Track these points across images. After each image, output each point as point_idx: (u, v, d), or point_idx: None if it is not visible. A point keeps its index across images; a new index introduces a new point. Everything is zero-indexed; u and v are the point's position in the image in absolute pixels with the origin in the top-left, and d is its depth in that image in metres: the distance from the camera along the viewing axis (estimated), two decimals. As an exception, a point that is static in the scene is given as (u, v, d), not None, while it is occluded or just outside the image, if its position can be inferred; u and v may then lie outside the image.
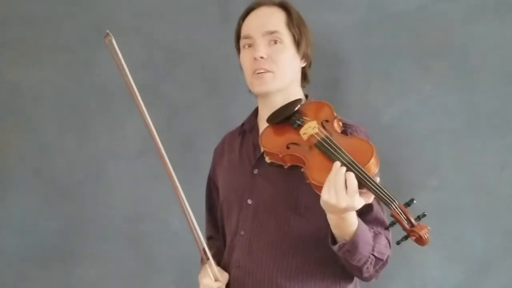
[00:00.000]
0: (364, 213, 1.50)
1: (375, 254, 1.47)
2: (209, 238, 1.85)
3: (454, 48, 2.32)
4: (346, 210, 1.34)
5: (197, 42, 2.37)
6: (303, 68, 1.70)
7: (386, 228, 1.45)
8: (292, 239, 1.55)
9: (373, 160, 1.37)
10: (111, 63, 2.53)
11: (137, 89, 2.50)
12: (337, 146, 1.41)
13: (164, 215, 2.46)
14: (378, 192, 1.32)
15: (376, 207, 1.54)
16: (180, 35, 2.47)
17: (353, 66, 2.38)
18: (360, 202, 1.35)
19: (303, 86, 1.71)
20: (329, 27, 2.37)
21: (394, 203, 1.32)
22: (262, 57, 1.59)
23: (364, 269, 1.47)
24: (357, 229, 1.41)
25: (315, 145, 1.45)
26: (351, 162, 1.36)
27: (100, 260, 2.49)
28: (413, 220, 1.32)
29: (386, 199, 1.32)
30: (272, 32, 1.62)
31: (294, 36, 1.64)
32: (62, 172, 2.51)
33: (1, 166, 2.53)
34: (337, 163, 1.36)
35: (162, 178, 2.47)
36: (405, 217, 1.32)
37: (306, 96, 1.71)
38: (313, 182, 1.39)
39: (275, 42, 1.61)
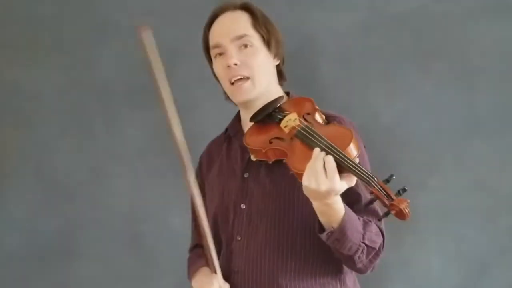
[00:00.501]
0: (353, 203, 1.51)
1: (366, 242, 1.47)
2: (195, 247, 1.80)
3: (454, 48, 2.33)
4: (328, 194, 1.34)
5: (197, 42, 2.37)
6: (278, 66, 1.69)
7: (379, 219, 1.44)
8: (289, 239, 1.55)
9: (352, 144, 1.38)
10: (111, 63, 2.54)
11: (137, 89, 2.51)
12: (316, 134, 1.42)
13: (164, 215, 2.46)
14: (358, 172, 1.33)
15: (365, 196, 1.54)
16: (180, 35, 2.47)
17: (353, 66, 2.38)
18: (342, 185, 1.35)
19: (281, 84, 1.70)
20: (329, 27, 2.37)
21: (374, 180, 1.32)
22: (235, 64, 1.58)
23: (356, 258, 1.47)
24: (344, 215, 1.41)
25: (295, 135, 1.46)
26: (329, 146, 1.37)
27: (100, 260, 2.49)
28: (392, 195, 1.32)
29: (366, 177, 1.32)
30: (241, 37, 1.59)
31: (263, 37, 1.62)
32: (62, 172, 2.51)
33: (1, 166, 2.53)
34: (317, 149, 1.37)
35: (162, 178, 2.49)
36: (385, 193, 1.32)
37: (288, 94, 1.71)
38: (295, 171, 1.40)
39: (246, 46, 1.59)
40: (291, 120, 1.50)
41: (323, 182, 1.33)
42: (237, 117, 1.74)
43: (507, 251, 2.30)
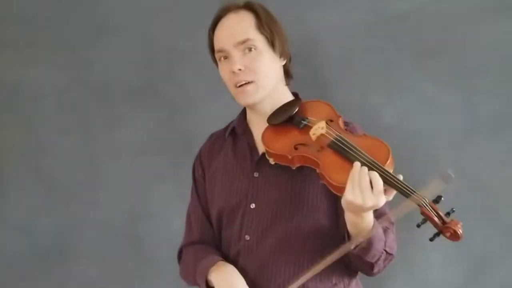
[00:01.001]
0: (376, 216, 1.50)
1: (387, 249, 1.49)
2: (193, 243, 1.76)
3: (454, 48, 2.32)
4: (370, 209, 1.34)
5: (197, 42, 2.37)
6: (284, 66, 1.67)
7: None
8: (298, 240, 1.55)
9: (390, 159, 1.38)
10: (111, 63, 2.54)
11: (137, 89, 2.51)
12: (352, 146, 1.41)
13: (164, 215, 2.45)
14: (405, 190, 1.32)
15: (384, 209, 1.54)
16: (180, 35, 2.47)
17: (353, 66, 2.38)
18: (384, 200, 1.35)
19: (287, 83, 1.69)
20: (329, 27, 2.37)
21: (424, 200, 1.31)
22: (239, 69, 1.57)
23: (376, 264, 1.48)
24: (373, 227, 1.41)
25: (329, 145, 1.44)
26: (371, 162, 1.36)
27: (100, 260, 2.49)
28: (444, 217, 1.30)
29: (415, 196, 1.32)
30: (244, 41, 1.58)
31: (266, 38, 1.61)
32: (62, 172, 2.51)
33: (1, 166, 2.53)
34: (357, 164, 1.36)
35: (162, 178, 2.49)
36: (436, 214, 1.31)
37: (295, 94, 1.70)
38: (332, 183, 1.39)
39: (249, 49, 1.58)
40: (319, 128, 1.48)
41: (370, 198, 1.33)
42: (243, 114, 1.73)
43: (507, 251, 2.30)
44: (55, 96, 2.53)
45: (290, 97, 1.67)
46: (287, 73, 1.68)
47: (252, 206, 1.59)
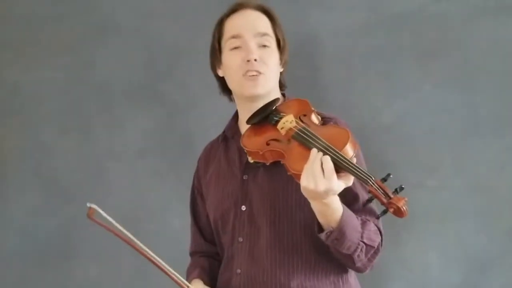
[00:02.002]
0: (351, 203, 1.51)
1: (365, 240, 1.47)
2: (191, 255, 1.82)
3: (454, 48, 2.33)
4: (326, 194, 1.36)
5: (197, 42, 2.37)
6: (280, 74, 1.69)
7: (377, 217, 1.44)
8: (290, 239, 1.56)
9: (349, 144, 1.40)
10: (111, 63, 2.54)
11: (137, 89, 2.52)
12: (313, 134, 1.43)
13: (164, 215, 2.46)
14: (355, 171, 1.35)
15: (362, 196, 1.55)
16: (180, 35, 2.47)
17: (353, 66, 2.38)
18: (339, 185, 1.36)
19: (282, 90, 1.71)
20: (329, 27, 2.37)
21: (371, 179, 1.34)
22: (255, 60, 1.58)
23: (355, 257, 1.47)
24: (342, 215, 1.42)
25: (293, 136, 1.47)
26: (326, 146, 1.38)
27: (100, 260, 2.49)
28: (390, 194, 1.33)
29: (363, 176, 1.34)
30: (263, 34, 1.60)
31: (279, 41, 1.64)
32: (62, 172, 2.51)
33: (1, 166, 2.53)
34: (314, 150, 1.38)
35: (162, 178, 2.49)
36: (382, 192, 1.33)
37: (284, 95, 1.72)
38: (292, 171, 1.42)
39: (264, 46, 1.60)
40: (288, 122, 1.51)
41: (321, 182, 1.34)
42: (235, 118, 1.74)
43: (507, 251, 2.30)
44: (55, 96, 2.53)
45: (281, 97, 1.69)
46: (281, 82, 1.70)
47: (243, 208, 1.60)
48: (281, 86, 1.70)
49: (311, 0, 2.40)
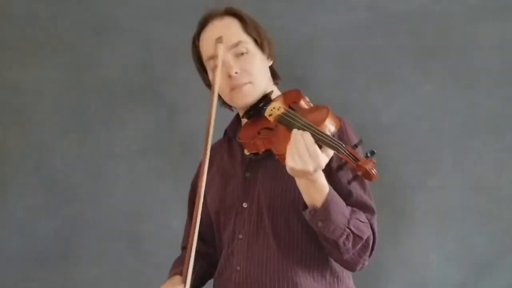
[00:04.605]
0: (344, 198, 1.51)
1: (352, 228, 1.46)
2: (182, 249, 1.82)
3: (454, 48, 2.33)
4: (315, 172, 1.37)
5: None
6: (271, 66, 1.69)
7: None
8: (289, 236, 1.56)
9: (328, 120, 1.42)
10: (111, 63, 2.55)
11: (137, 89, 2.52)
12: (295, 115, 1.45)
13: (164, 215, 2.46)
14: (326, 141, 1.37)
15: (356, 192, 1.54)
16: (180, 35, 2.46)
17: (353, 66, 2.38)
18: (323, 158, 1.37)
19: (276, 83, 1.71)
20: (329, 27, 2.37)
21: (342, 147, 1.36)
22: (236, 72, 1.58)
23: (341, 243, 1.46)
24: (328, 194, 1.42)
25: (278, 121, 1.50)
26: (305, 124, 1.41)
27: (100, 260, 2.49)
28: (358, 157, 1.34)
29: (334, 144, 1.36)
30: (236, 44, 1.58)
31: (255, 40, 1.61)
32: (62, 172, 2.51)
33: (1, 166, 2.53)
34: (294, 130, 1.40)
35: (162, 178, 2.49)
36: (353, 157, 1.35)
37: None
38: (277, 153, 1.44)
39: (242, 53, 1.59)
40: (275, 109, 1.53)
41: (309, 160, 1.35)
42: (237, 119, 1.74)
43: (507, 251, 2.30)
44: (55, 96, 2.53)
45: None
46: (274, 73, 1.69)
47: (244, 205, 1.61)
48: (275, 78, 1.70)
49: (311, 0, 2.40)
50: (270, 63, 1.68)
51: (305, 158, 1.35)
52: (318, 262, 1.57)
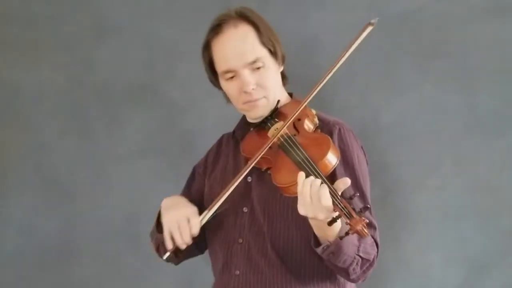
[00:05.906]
0: None
1: (361, 254, 1.46)
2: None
3: (454, 48, 2.33)
4: (326, 218, 1.35)
5: (197, 42, 2.37)
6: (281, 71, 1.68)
7: (375, 228, 1.44)
8: (289, 243, 1.55)
9: (330, 154, 1.40)
10: (111, 63, 2.54)
11: (137, 89, 2.52)
12: (296, 146, 1.43)
13: (164, 215, 2.45)
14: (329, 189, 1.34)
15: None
16: (180, 35, 2.47)
17: (353, 66, 2.38)
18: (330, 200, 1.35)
19: (284, 84, 1.70)
20: (329, 27, 2.37)
21: (337, 198, 1.33)
22: (253, 89, 1.58)
23: (351, 270, 1.46)
24: (340, 229, 1.41)
25: (279, 146, 1.47)
26: (305, 160, 1.38)
27: (100, 260, 2.49)
28: (352, 214, 1.30)
29: (332, 196, 1.33)
30: (253, 61, 1.56)
31: (270, 50, 1.60)
32: (62, 172, 2.51)
33: (1, 166, 2.53)
34: (301, 174, 1.37)
35: (162, 178, 2.49)
36: (346, 212, 1.31)
37: (291, 95, 1.71)
38: (277, 185, 1.42)
39: (258, 68, 1.57)
40: (278, 130, 1.51)
41: (319, 209, 1.34)
42: (244, 118, 1.73)
43: (507, 251, 2.30)
44: (55, 96, 2.53)
45: (286, 98, 1.68)
46: (283, 76, 1.69)
47: (245, 209, 1.60)
48: (284, 79, 1.69)
49: (311, 0, 2.40)
50: (281, 68, 1.67)
51: (317, 207, 1.34)
52: (318, 268, 1.56)
